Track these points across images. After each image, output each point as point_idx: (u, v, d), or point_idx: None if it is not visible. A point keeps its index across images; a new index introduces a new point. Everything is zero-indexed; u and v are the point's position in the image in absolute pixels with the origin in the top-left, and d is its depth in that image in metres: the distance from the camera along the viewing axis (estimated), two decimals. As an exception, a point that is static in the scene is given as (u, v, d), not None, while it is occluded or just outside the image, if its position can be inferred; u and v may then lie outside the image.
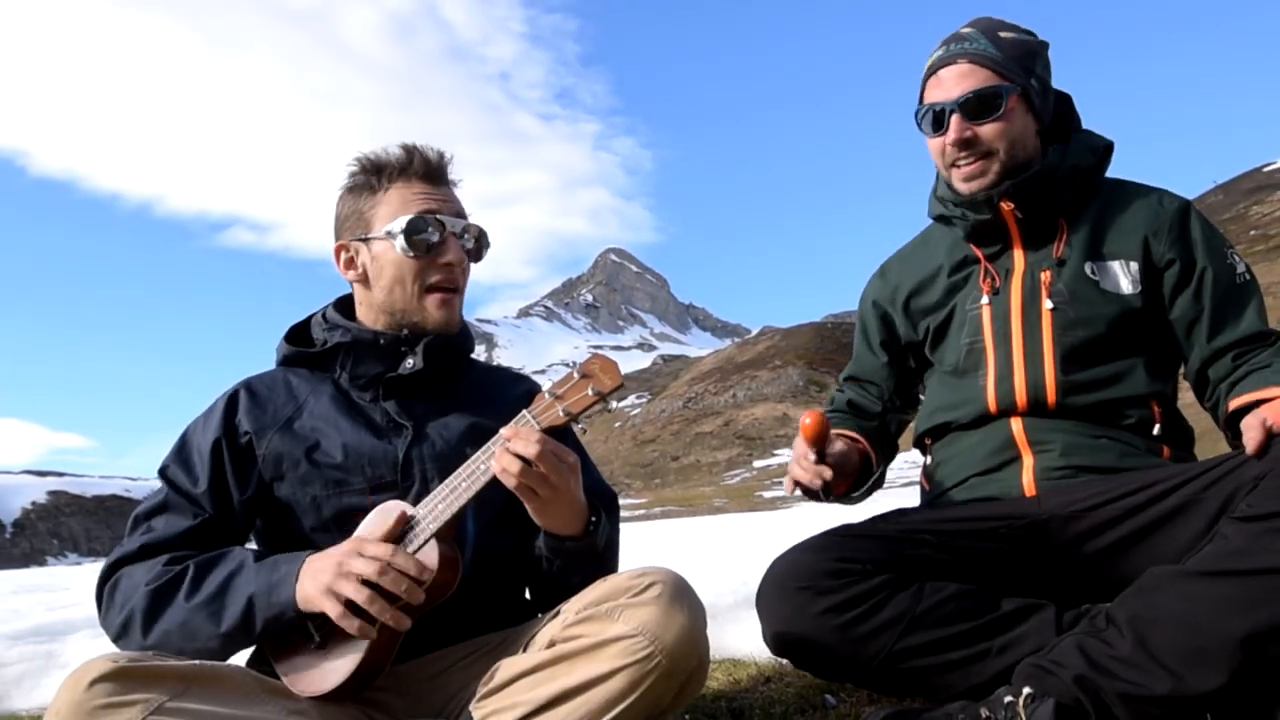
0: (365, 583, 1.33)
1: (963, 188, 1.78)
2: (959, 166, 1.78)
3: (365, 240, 1.65)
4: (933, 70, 1.80)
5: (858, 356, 2.08)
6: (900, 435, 2.04)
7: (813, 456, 1.67)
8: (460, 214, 1.68)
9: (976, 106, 1.73)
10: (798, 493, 1.73)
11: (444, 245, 1.62)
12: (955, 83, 1.75)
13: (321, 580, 1.36)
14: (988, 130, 1.74)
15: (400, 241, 1.60)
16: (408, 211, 1.61)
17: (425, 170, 1.66)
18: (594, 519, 1.54)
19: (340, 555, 1.37)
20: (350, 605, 1.33)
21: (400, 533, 1.42)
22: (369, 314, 1.69)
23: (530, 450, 1.36)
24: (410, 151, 1.66)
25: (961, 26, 1.83)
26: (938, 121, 1.77)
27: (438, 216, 1.62)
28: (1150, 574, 1.42)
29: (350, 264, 1.69)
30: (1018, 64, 1.76)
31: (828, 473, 1.65)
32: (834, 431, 1.81)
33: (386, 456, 1.57)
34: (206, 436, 1.59)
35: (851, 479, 1.87)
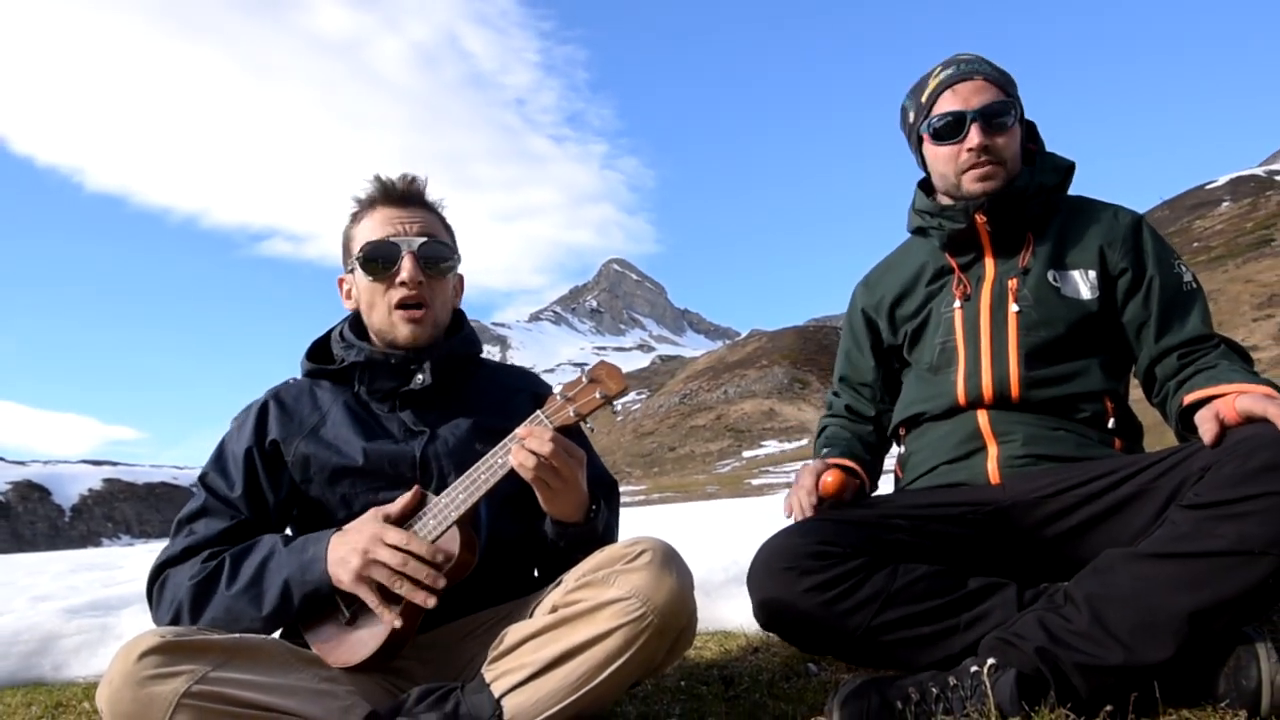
0: (391, 570, 1.35)
1: (976, 188, 1.77)
2: (974, 169, 1.76)
3: (352, 271, 1.65)
4: (948, 84, 1.78)
5: (849, 360, 2.06)
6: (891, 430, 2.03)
7: (815, 502, 1.72)
8: (426, 233, 1.63)
9: (994, 117, 1.74)
10: (790, 516, 1.76)
11: (397, 264, 1.59)
12: (974, 94, 1.75)
13: (351, 566, 1.36)
14: (1002, 139, 1.75)
15: (358, 266, 1.61)
16: (367, 237, 1.61)
17: (389, 196, 1.64)
18: (594, 507, 1.54)
19: (365, 542, 1.37)
20: (381, 589, 1.35)
21: (416, 506, 1.44)
22: (373, 334, 1.68)
23: (545, 448, 1.37)
24: (377, 180, 1.65)
25: (956, 55, 1.84)
26: (954, 128, 1.76)
27: (390, 239, 1.60)
28: (1105, 556, 1.42)
29: (348, 295, 1.70)
30: (1014, 89, 1.79)
31: (811, 515, 1.71)
32: (840, 463, 1.84)
33: (405, 457, 1.57)
34: (240, 445, 1.58)
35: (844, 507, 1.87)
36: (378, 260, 1.60)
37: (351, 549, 1.38)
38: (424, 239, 1.62)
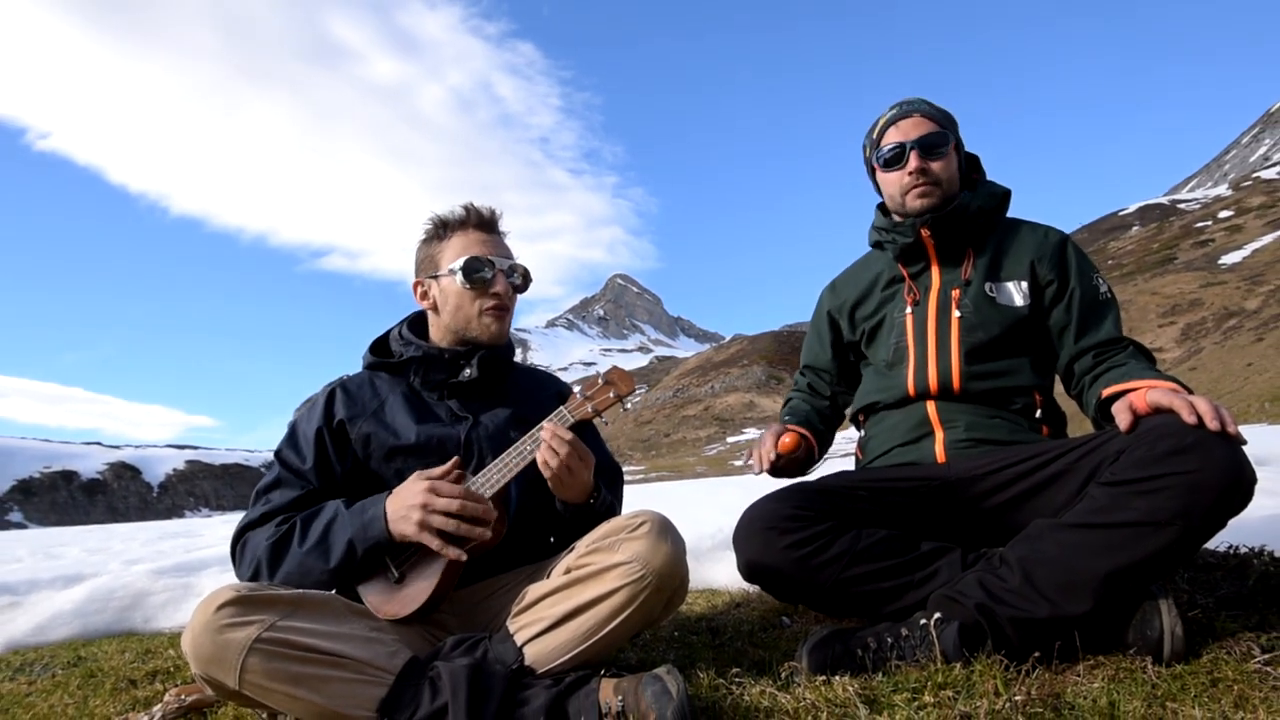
0: (449, 515, 1.36)
1: (916, 204, 1.79)
2: (914, 189, 1.79)
3: (435, 277, 1.66)
4: (892, 121, 1.82)
5: (812, 352, 2.08)
6: (846, 409, 2.06)
7: (774, 458, 1.78)
8: (507, 255, 1.67)
9: (929, 146, 1.76)
10: (750, 462, 1.80)
11: (494, 280, 1.63)
12: (913, 128, 1.78)
13: (414, 519, 1.36)
14: (937, 165, 1.77)
15: (459, 277, 1.61)
16: (465, 254, 1.62)
17: (478, 222, 1.66)
18: (595, 495, 1.54)
19: (421, 497, 1.37)
20: (441, 533, 1.36)
21: (452, 475, 1.44)
22: (438, 333, 1.69)
23: (564, 450, 1.42)
24: (468, 209, 1.66)
25: (904, 98, 1.87)
26: (898, 157, 1.79)
27: (489, 258, 1.62)
28: (1035, 525, 1.41)
29: (424, 296, 1.70)
30: (950, 124, 1.81)
31: (768, 466, 1.79)
32: (794, 430, 1.91)
33: (451, 438, 1.57)
34: (311, 425, 1.58)
35: (796, 464, 1.89)
36: (479, 274, 1.62)
37: (409, 505, 1.38)
38: (511, 261, 1.66)
